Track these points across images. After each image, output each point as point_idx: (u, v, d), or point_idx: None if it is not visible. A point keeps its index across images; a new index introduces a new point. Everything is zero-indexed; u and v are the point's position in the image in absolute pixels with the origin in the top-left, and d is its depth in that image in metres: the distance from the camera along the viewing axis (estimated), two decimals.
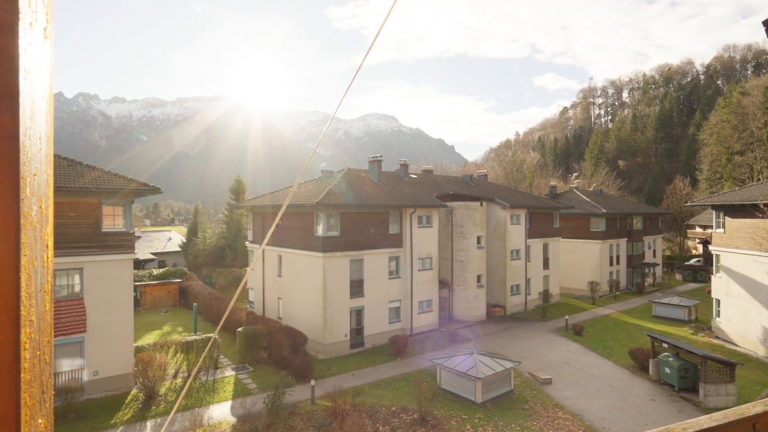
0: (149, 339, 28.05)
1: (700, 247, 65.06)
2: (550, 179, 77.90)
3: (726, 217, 29.45)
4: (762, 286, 26.52)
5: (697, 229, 67.80)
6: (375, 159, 34.22)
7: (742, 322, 28.45)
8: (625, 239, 48.37)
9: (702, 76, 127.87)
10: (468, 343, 28.27)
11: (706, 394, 20.39)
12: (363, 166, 39.41)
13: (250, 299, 35.65)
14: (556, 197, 49.19)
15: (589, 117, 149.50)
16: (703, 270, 53.31)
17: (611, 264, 46.17)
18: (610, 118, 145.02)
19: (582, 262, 45.72)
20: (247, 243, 37.82)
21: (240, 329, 25.44)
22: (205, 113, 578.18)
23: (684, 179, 75.21)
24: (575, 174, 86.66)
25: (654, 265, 50.66)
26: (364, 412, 18.36)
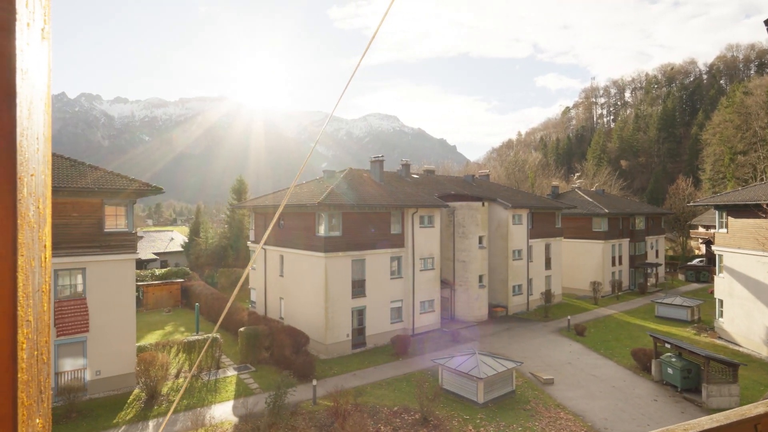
0: (151, 339, 28.12)
1: (703, 248, 64.86)
2: (552, 179, 77.80)
3: (729, 217, 29.35)
4: (765, 287, 26.41)
5: (700, 229, 67.63)
6: (377, 159, 34.22)
7: (745, 323, 28.35)
8: (628, 239, 48.27)
9: (705, 76, 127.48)
10: (470, 343, 28.25)
11: (709, 394, 20.32)
12: (365, 166, 39.42)
13: (252, 299, 35.70)
14: (558, 197, 49.11)
15: (591, 117, 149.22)
16: (706, 270, 53.15)
17: (613, 264, 46.07)
18: (612, 117, 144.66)
19: (584, 262, 45.64)
20: (249, 243, 37.89)
21: (242, 329, 25.48)
22: (208, 113, 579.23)
23: (687, 179, 74.99)
24: (577, 174, 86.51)
25: (656, 265, 50.52)
26: (365, 412, 18.37)
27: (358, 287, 27.88)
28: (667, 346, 22.94)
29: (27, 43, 0.70)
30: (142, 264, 46.50)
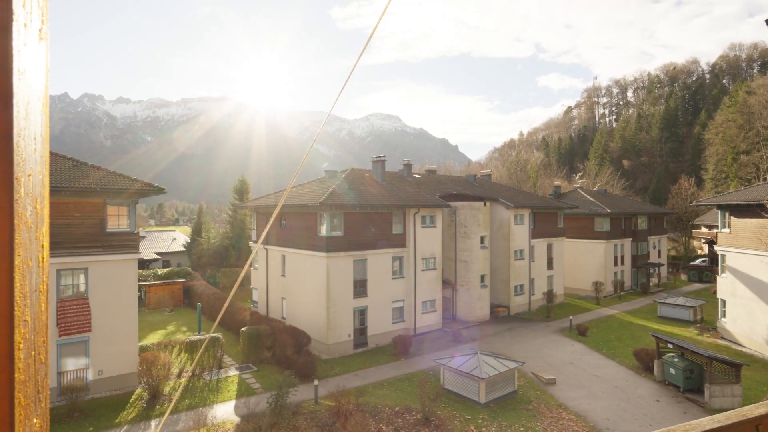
0: (153, 338, 28.19)
1: (705, 247, 64.69)
2: (554, 179, 77.67)
3: (732, 217, 29.26)
4: None
5: (703, 229, 67.41)
6: (378, 159, 34.22)
7: (748, 323, 28.26)
8: (630, 239, 48.15)
9: (707, 75, 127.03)
10: (471, 343, 28.22)
11: (712, 395, 20.26)
12: (366, 166, 39.43)
13: (254, 299, 35.74)
14: (560, 197, 49.04)
15: (593, 116, 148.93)
16: (708, 270, 52.98)
17: (616, 264, 45.97)
18: (614, 117, 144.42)
19: (586, 262, 45.55)
20: (251, 243, 37.94)
21: (244, 329, 25.51)
22: (210, 114, 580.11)
23: (689, 179, 74.75)
24: (579, 174, 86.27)
25: (659, 265, 50.40)
26: (367, 412, 18.38)
27: (360, 287, 27.88)
28: (670, 346, 22.87)
29: (24, 43, 0.70)
30: (144, 264, 46.63)
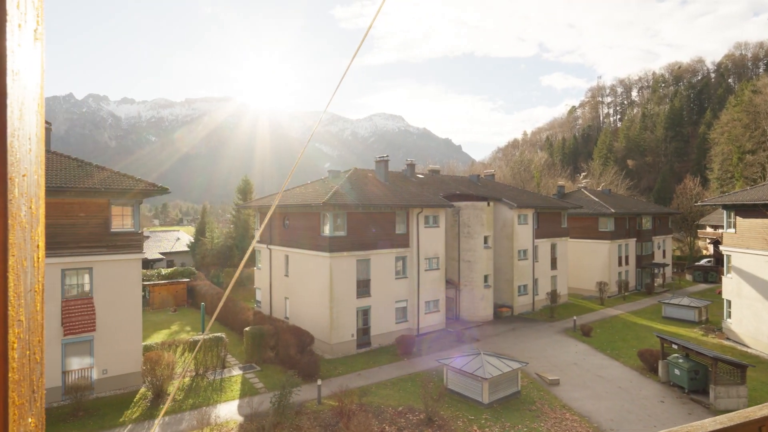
0: (157, 338, 28.31)
1: (710, 248, 64.27)
2: (558, 179, 77.44)
3: (737, 217, 29.08)
4: None
5: (708, 229, 67.00)
6: (382, 159, 34.22)
7: (753, 324, 28.07)
8: (635, 239, 47.93)
9: (713, 75, 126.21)
10: (475, 343, 28.19)
11: (717, 396, 20.14)
12: (370, 166, 39.44)
13: (258, 299, 35.83)
14: (564, 197, 48.87)
15: (597, 116, 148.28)
16: (713, 270, 52.67)
17: (620, 264, 45.77)
18: (619, 117, 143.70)
19: (590, 262, 45.38)
20: (257, 244, 38.02)
21: (247, 329, 25.57)
22: (213, 114, 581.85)
23: (694, 179, 74.36)
24: (583, 174, 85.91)
25: (664, 265, 50.14)
26: (370, 412, 18.38)
27: (363, 287, 27.89)
28: (674, 347, 22.75)
29: (18, 44, 0.70)
30: (148, 264, 46.82)
